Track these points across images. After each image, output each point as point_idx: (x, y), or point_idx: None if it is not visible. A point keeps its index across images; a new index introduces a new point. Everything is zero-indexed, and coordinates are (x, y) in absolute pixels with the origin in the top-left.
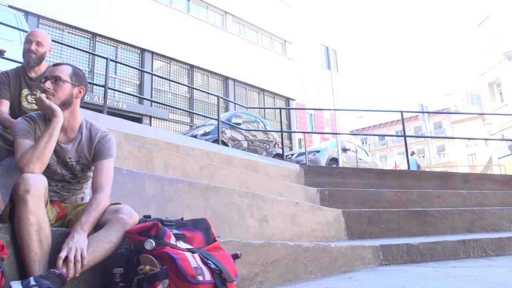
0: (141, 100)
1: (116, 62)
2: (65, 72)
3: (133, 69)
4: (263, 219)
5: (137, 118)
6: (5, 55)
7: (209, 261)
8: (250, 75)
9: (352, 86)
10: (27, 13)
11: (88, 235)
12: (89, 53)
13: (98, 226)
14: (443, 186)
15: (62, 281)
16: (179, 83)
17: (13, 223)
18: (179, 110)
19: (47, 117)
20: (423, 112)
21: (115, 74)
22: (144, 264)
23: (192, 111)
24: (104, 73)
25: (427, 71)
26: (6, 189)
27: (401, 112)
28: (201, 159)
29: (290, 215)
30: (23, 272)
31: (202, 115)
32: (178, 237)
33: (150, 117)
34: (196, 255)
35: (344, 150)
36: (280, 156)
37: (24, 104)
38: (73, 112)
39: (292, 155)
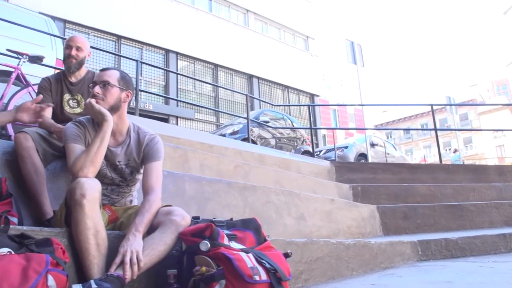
0: (167, 100)
1: (146, 64)
2: (113, 77)
3: (158, 70)
4: (300, 217)
5: (163, 119)
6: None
7: (263, 261)
8: (274, 73)
9: (375, 80)
10: (53, 18)
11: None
12: (118, 55)
13: (150, 228)
14: (477, 179)
15: (121, 284)
16: (207, 82)
17: (69, 227)
18: (205, 110)
19: (96, 121)
20: (452, 105)
21: (141, 75)
22: (199, 265)
23: (221, 110)
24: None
25: (451, 62)
26: (52, 193)
27: (431, 105)
28: (235, 158)
29: (326, 212)
30: (80, 276)
31: (231, 114)
32: (230, 238)
33: (177, 117)
34: (250, 255)
35: (372, 145)
36: (309, 153)
37: (66, 108)
38: (121, 116)
39: (320, 151)
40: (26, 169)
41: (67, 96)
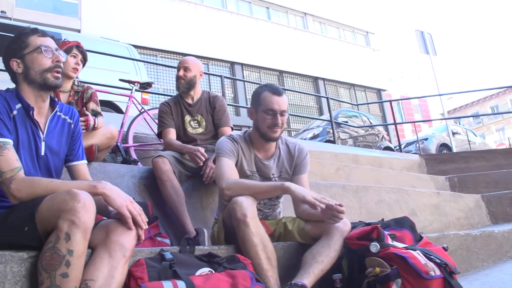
0: (237, 111)
1: (228, 78)
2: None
3: (225, 81)
4: (411, 213)
5: (235, 129)
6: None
7: (432, 256)
8: (338, 72)
9: (441, 67)
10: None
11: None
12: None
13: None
14: None
15: None
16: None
17: (228, 244)
18: None
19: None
20: None
21: (209, 88)
22: (371, 266)
23: (304, 115)
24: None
25: None
26: (188, 212)
27: None
28: (333, 161)
29: (434, 206)
30: None
31: (311, 117)
32: (391, 238)
33: (248, 127)
34: (419, 252)
35: (453, 133)
36: (389, 149)
37: (189, 129)
38: None
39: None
40: (167, 192)
41: (188, 118)
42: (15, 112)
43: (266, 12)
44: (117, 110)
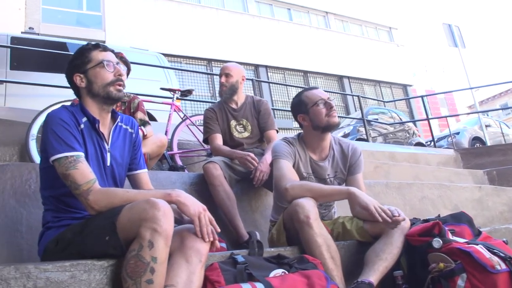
0: None
1: (260, 81)
2: None
3: (249, 85)
4: (454, 208)
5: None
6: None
7: (495, 250)
8: (362, 69)
9: (466, 60)
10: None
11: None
12: (210, 74)
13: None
14: None
15: None
16: (299, 86)
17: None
18: None
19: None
20: None
21: None
22: (434, 262)
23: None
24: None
25: None
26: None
27: None
28: (370, 159)
29: (477, 200)
30: None
31: (344, 117)
32: (450, 233)
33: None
34: (481, 246)
35: (485, 126)
36: (421, 145)
37: (235, 134)
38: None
39: (430, 141)
40: (219, 196)
41: (233, 123)
42: (82, 126)
43: (288, 13)
44: (151, 118)
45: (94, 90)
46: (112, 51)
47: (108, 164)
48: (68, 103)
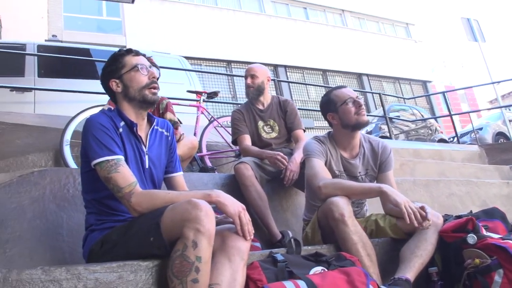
0: None
1: (280, 81)
2: None
3: (270, 85)
4: (483, 204)
5: None
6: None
7: None
8: (381, 66)
9: (486, 54)
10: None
11: None
12: (230, 75)
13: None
14: None
15: (409, 285)
16: (317, 85)
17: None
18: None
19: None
20: None
21: None
22: (469, 258)
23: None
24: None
25: None
26: None
27: None
28: (396, 156)
29: (505, 196)
30: None
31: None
32: (484, 228)
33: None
34: None
35: (509, 121)
36: (444, 141)
37: (263, 134)
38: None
39: (453, 137)
40: (251, 196)
41: (261, 123)
42: (120, 130)
43: (304, 13)
44: None
45: (130, 94)
46: (144, 55)
47: (147, 166)
48: (98, 109)
